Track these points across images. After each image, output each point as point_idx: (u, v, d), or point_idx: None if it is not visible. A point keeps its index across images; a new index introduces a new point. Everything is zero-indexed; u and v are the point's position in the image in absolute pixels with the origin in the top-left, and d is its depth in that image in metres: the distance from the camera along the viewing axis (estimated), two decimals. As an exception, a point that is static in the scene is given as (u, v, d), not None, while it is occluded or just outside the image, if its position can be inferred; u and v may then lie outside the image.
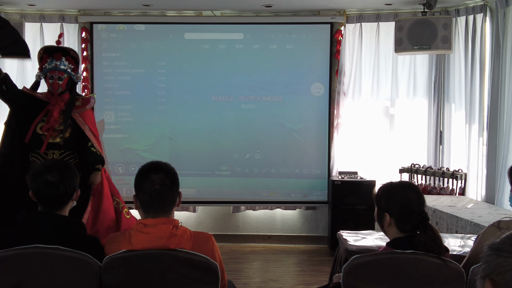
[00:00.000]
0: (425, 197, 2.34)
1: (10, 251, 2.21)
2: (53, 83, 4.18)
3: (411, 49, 5.27)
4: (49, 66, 4.19)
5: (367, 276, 2.20)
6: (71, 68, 4.25)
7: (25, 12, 5.91)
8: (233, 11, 6.05)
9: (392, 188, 2.33)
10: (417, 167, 5.60)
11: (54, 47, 4.33)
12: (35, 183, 2.33)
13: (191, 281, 2.24)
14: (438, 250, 2.17)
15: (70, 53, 4.31)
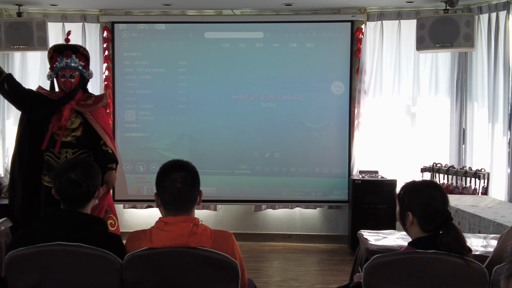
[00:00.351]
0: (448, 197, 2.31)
1: (33, 248, 2.24)
2: (65, 81, 4.19)
3: (433, 47, 5.21)
4: (60, 65, 4.20)
5: (388, 276, 2.18)
6: (81, 65, 4.26)
7: (48, 12, 5.98)
8: (253, 9, 6.05)
9: (415, 186, 2.30)
10: (439, 166, 5.54)
11: (64, 45, 4.33)
12: (59, 181, 2.36)
13: (211, 279, 2.24)
14: (461, 250, 2.14)
15: (80, 50, 4.31)
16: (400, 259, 2.19)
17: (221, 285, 2.27)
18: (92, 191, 2.40)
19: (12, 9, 5.79)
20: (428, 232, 2.24)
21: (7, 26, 5.48)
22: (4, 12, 5.83)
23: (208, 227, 2.34)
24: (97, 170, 2.46)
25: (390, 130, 5.92)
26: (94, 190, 2.42)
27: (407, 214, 2.27)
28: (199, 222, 2.31)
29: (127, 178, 6.09)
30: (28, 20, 5.55)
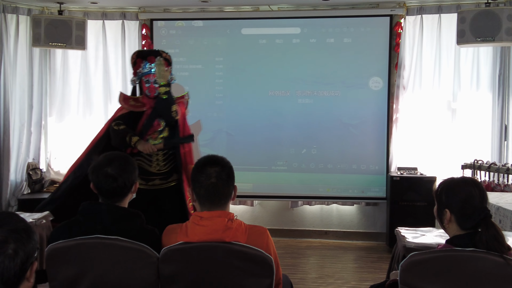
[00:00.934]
0: (488, 194, 2.26)
1: (73, 241, 2.29)
2: (150, 87, 4.22)
3: (474, 41, 5.09)
4: (144, 70, 4.25)
5: (425, 274, 2.14)
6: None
7: (88, 10, 6.09)
8: (290, 5, 6.03)
9: (453, 183, 2.25)
10: (480, 163, 5.41)
11: (147, 51, 4.41)
12: (96, 176, 2.41)
13: (246, 274, 2.25)
14: (500, 248, 2.08)
15: (163, 55, 4.33)
16: (437, 257, 2.15)
17: (255, 280, 2.27)
18: (128, 185, 2.44)
19: (53, 7, 5.93)
20: (466, 229, 2.19)
21: (48, 23, 5.61)
22: (46, 10, 5.97)
23: (242, 222, 2.35)
24: (133, 165, 2.50)
25: (430, 126, 5.81)
26: (131, 185, 2.46)
27: (445, 212, 2.22)
28: (234, 217, 2.33)
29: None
30: (68, 19, 5.68)
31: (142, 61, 4.28)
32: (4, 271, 1.44)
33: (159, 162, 4.28)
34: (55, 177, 6.13)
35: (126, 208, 2.46)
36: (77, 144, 6.19)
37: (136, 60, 4.31)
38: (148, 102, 4.26)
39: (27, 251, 1.49)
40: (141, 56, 4.32)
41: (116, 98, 6.06)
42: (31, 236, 1.52)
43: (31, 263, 1.52)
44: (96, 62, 6.17)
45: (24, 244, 1.48)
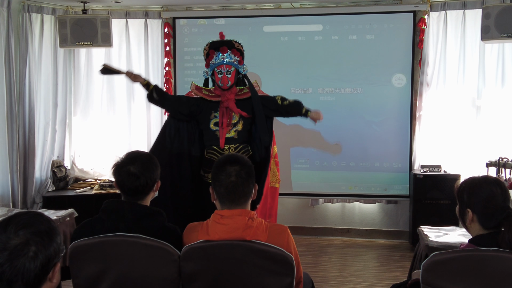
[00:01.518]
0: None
1: (95, 239, 2.33)
2: (222, 78, 4.23)
3: (499, 37, 5.00)
4: (216, 61, 4.27)
5: (447, 273, 2.12)
6: (237, 60, 4.32)
7: (111, 9, 6.15)
8: (312, 2, 6.00)
9: (475, 183, 2.23)
10: (505, 161, 5.31)
11: (219, 42, 4.38)
12: (118, 174, 2.44)
13: (267, 273, 2.26)
14: None
15: (235, 45, 4.37)
16: (460, 256, 2.13)
17: (276, 278, 2.28)
18: (150, 184, 2.46)
19: (77, 7, 5.99)
20: (489, 229, 2.16)
21: (73, 23, 5.68)
22: (70, 10, 6.04)
23: (263, 220, 2.36)
24: (155, 164, 2.53)
25: (454, 123, 5.73)
26: (153, 183, 2.49)
27: (467, 211, 2.21)
28: (254, 216, 2.34)
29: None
30: (93, 17, 5.73)
31: (215, 52, 4.29)
32: (25, 273, 1.48)
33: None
34: (79, 174, 6.20)
35: (148, 207, 2.48)
36: (101, 142, 6.28)
37: (209, 52, 4.32)
38: (222, 94, 4.28)
39: (48, 253, 1.52)
40: (214, 47, 4.32)
41: (139, 96, 6.18)
42: (53, 238, 1.55)
43: (54, 265, 1.55)
44: (120, 60, 6.22)
45: (45, 247, 1.51)
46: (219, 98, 4.26)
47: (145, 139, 6.23)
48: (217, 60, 4.25)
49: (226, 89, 4.23)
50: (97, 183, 5.89)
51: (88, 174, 6.22)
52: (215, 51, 4.28)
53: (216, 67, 4.24)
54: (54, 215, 3.92)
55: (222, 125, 4.21)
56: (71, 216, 4.06)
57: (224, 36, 4.46)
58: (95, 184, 5.92)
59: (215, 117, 4.26)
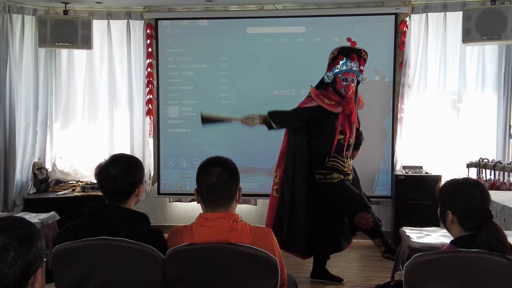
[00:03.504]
0: (494, 193, 2.28)
1: (79, 243, 2.31)
2: (347, 86, 4.29)
3: (480, 39, 5.07)
4: (343, 68, 4.28)
5: (429, 274, 2.15)
6: (361, 70, 4.38)
7: (93, 9, 6.11)
8: (295, 4, 6.02)
9: (455, 185, 2.27)
10: (486, 162, 5.39)
11: (350, 48, 4.37)
12: (99, 175, 2.43)
13: (251, 275, 2.26)
14: (502, 248, 2.09)
15: (362, 54, 4.39)
16: (442, 258, 2.16)
17: (260, 281, 2.28)
18: (129, 187, 2.43)
19: (59, 7, 5.95)
20: (469, 230, 2.20)
21: (53, 23, 5.63)
22: (51, 10, 5.99)
23: (247, 223, 2.36)
24: (137, 168, 2.49)
25: (435, 125, 5.80)
26: (133, 187, 2.45)
27: (447, 213, 2.25)
28: (239, 219, 2.34)
29: (170, 174, 6.18)
30: (74, 19, 5.69)
31: (343, 58, 4.30)
32: (4, 278, 1.46)
33: (349, 163, 4.54)
34: (60, 176, 6.16)
35: (131, 210, 2.47)
36: (83, 143, 6.24)
37: (338, 56, 4.32)
38: (343, 102, 4.31)
39: (27, 259, 1.50)
40: (344, 53, 4.32)
41: (121, 98, 6.14)
42: (32, 243, 1.53)
43: (35, 270, 1.53)
44: (101, 62, 6.19)
45: (24, 252, 1.50)
46: (339, 106, 4.32)
47: (128, 141, 6.20)
48: (344, 67, 4.26)
49: (349, 98, 4.30)
50: (79, 185, 5.85)
51: (69, 175, 6.18)
52: (344, 57, 4.29)
53: (342, 74, 4.27)
54: (35, 218, 3.88)
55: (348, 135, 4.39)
56: (53, 219, 4.03)
57: (356, 43, 4.45)
58: (77, 186, 5.88)
59: (340, 125, 4.35)
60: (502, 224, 4.31)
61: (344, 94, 4.29)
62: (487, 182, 5.32)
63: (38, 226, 3.75)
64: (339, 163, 4.41)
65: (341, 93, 4.31)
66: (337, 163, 4.40)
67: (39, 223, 3.78)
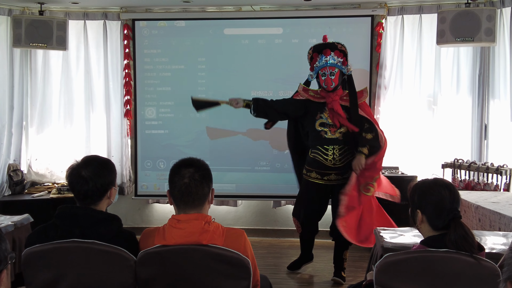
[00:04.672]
0: (468, 194, 2.33)
1: (49, 245, 2.29)
2: (326, 80, 4.41)
3: (454, 41, 5.14)
4: (319, 64, 4.42)
5: (399, 274, 2.18)
6: (340, 61, 4.45)
7: (69, 10, 6.06)
8: (273, 5, 6.04)
9: (425, 185, 2.31)
10: (461, 162, 5.47)
11: (322, 44, 4.53)
12: (70, 177, 2.41)
13: (223, 277, 2.27)
14: (469, 248, 2.13)
15: (338, 46, 4.50)
16: (412, 257, 2.19)
17: (233, 282, 2.29)
18: (100, 189, 2.42)
19: (34, 8, 5.89)
20: (438, 230, 2.24)
21: (28, 23, 5.57)
22: (27, 10, 5.92)
23: (220, 224, 2.36)
24: (110, 170, 2.48)
25: (411, 126, 5.86)
26: (104, 189, 2.44)
27: (417, 212, 2.28)
28: (211, 220, 2.34)
29: (147, 175, 6.15)
30: (49, 19, 5.64)
31: (318, 55, 4.45)
32: None
33: (335, 156, 4.48)
34: (36, 178, 6.09)
35: (103, 212, 2.46)
36: (58, 145, 6.17)
37: (313, 55, 4.49)
38: (327, 95, 4.46)
39: None
40: (317, 50, 4.48)
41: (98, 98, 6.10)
42: None
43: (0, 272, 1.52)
44: (78, 62, 6.14)
45: None
46: (324, 99, 4.45)
47: (104, 142, 6.16)
48: (320, 63, 4.42)
49: (331, 91, 4.39)
50: (55, 187, 5.79)
51: (45, 177, 6.12)
52: (319, 54, 4.43)
53: (320, 70, 4.41)
54: (9, 220, 3.83)
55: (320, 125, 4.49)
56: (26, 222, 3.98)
57: (327, 39, 4.61)
58: (53, 188, 5.82)
59: (321, 117, 4.48)
60: (477, 224, 4.37)
61: (326, 87, 4.43)
62: (462, 183, 5.39)
63: (11, 229, 3.71)
64: (321, 155, 4.50)
65: (324, 87, 4.46)
66: (319, 155, 4.51)
67: (12, 226, 3.73)
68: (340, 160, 4.51)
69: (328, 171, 4.52)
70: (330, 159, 4.50)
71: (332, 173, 4.53)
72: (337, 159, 4.51)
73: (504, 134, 5.38)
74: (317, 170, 4.54)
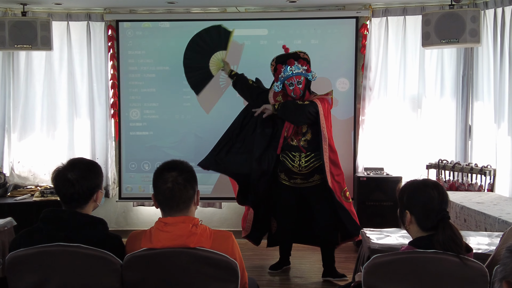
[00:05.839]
0: (453, 194, 2.34)
1: (34, 249, 2.26)
2: (294, 89, 4.49)
3: (439, 43, 5.17)
4: (285, 74, 4.48)
5: (388, 275, 2.18)
6: (304, 69, 4.50)
7: (52, 11, 5.99)
8: (258, 7, 6.03)
9: (414, 186, 2.31)
10: (445, 163, 5.51)
11: (285, 55, 4.61)
12: (55, 180, 2.37)
13: (211, 279, 2.25)
14: (457, 249, 2.14)
15: (301, 55, 4.56)
16: (400, 258, 2.19)
17: (220, 285, 2.27)
18: (87, 192, 2.39)
19: (17, 8, 5.82)
20: (427, 231, 2.24)
21: (12, 25, 5.50)
22: (9, 11, 5.85)
23: (207, 227, 2.34)
24: (96, 172, 2.45)
25: (396, 127, 5.89)
26: (90, 192, 2.41)
27: (406, 213, 2.29)
28: (198, 223, 2.32)
29: (132, 177, 6.11)
30: (33, 20, 5.57)
31: (282, 66, 4.52)
32: None
33: (301, 162, 4.55)
34: (18, 181, 6.01)
35: (89, 215, 2.42)
36: (41, 147, 6.10)
37: (277, 66, 4.56)
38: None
39: None
40: (280, 61, 4.55)
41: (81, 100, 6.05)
42: None
43: None
44: (61, 64, 6.07)
45: None
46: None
47: (88, 144, 6.10)
48: (286, 73, 4.48)
49: (299, 99, 4.48)
50: (38, 190, 5.72)
51: (28, 180, 6.04)
52: (283, 65, 4.50)
53: (286, 80, 4.47)
54: (-9, 224, 3.77)
55: (287, 135, 4.59)
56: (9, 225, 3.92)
57: (289, 49, 4.69)
58: (36, 191, 5.74)
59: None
60: (463, 225, 4.40)
61: (295, 96, 4.53)
62: (447, 183, 5.43)
63: (-6, 233, 3.65)
64: (288, 160, 4.60)
65: (293, 96, 4.54)
66: (286, 159, 4.62)
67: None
68: (305, 167, 4.58)
69: (294, 175, 4.64)
70: (296, 165, 4.59)
71: (298, 177, 4.64)
72: (302, 166, 4.58)
73: (488, 135, 5.43)
74: (285, 173, 4.67)
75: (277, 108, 4.54)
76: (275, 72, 4.61)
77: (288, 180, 4.67)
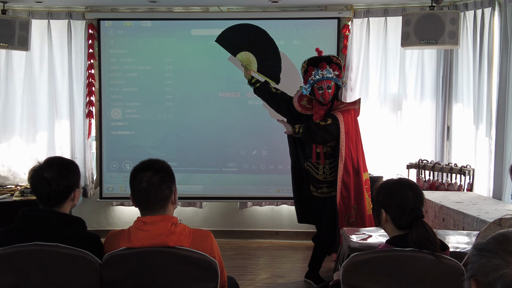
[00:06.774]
0: (432, 193, 2.37)
1: (11, 249, 2.23)
2: (324, 93, 4.40)
3: (418, 43, 5.22)
4: (315, 77, 4.40)
5: (366, 274, 2.20)
6: (336, 74, 4.45)
7: (32, 9, 5.93)
8: (240, 6, 6.04)
9: (389, 185, 2.35)
10: (425, 163, 5.56)
11: (318, 58, 4.52)
12: (32, 179, 2.36)
13: (190, 278, 2.25)
14: (431, 247, 2.17)
15: (333, 60, 4.49)
16: (378, 257, 2.21)
17: (200, 284, 2.27)
18: (64, 191, 2.37)
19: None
20: (403, 229, 2.27)
21: (-11, 22, 5.44)
22: (-11, 9, 5.78)
23: (186, 226, 2.34)
24: (73, 171, 2.43)
25: (376, 127, 5.92)
26: (67, 191, 2.39)
27: (381, 212, 2.31)
28: (177, 221, 2.32)
29: (113, 177, 6.07)
30: (12, 19, 5.51)
31: (314, 69, 4.44)
32: None
33: (325, 170, 4.51)
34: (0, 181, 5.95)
35: (67, 214, 2.41)
36: (21, 147, 6.04)
37: (308, 68, 4.48)
38: (318, 108, 4.48)
39: None
40: (312, 64, 4.46)
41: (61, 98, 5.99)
42: None
43: None
44: (41, 62, 6.02)
45: None
46: (311, 111, 4.51)
47: (68, 144, 6.05)
48: (316, 76, 4.40)
49: (327, 104, 4.43)
50: (18, 190, 5.66)
51: (8, 180, 5.98)
52: (314, 68, 4.43)
53: (316, 83, 4.39)
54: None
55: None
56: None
57: (322, 52, 4.61)
58: (16, 190, 5.68)
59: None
60: (441, 224, 4.45)
61: (324, 101, 4.44)
62: (427, 183, 5.49)
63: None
64: (313, 170, 4.58)
65: (321, 101, 4.47)
66: (310, 168, 4.60)
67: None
68: (330, 174, 4.53)
69: (321, 184, 4.59)
70: (321, 173, 4.56)
71: (324, 186, 4.59)
72: (327, 173, 4.55)
73: (467, 135, 5.49)
74: (313, 183, 4.64)
75: (297, 132, 4.48)
76: (305, 74, 4.52)
77: (317, 191, 4.63)
